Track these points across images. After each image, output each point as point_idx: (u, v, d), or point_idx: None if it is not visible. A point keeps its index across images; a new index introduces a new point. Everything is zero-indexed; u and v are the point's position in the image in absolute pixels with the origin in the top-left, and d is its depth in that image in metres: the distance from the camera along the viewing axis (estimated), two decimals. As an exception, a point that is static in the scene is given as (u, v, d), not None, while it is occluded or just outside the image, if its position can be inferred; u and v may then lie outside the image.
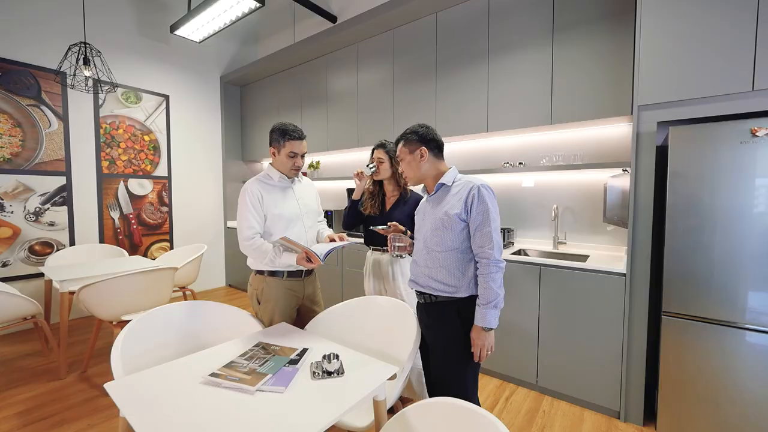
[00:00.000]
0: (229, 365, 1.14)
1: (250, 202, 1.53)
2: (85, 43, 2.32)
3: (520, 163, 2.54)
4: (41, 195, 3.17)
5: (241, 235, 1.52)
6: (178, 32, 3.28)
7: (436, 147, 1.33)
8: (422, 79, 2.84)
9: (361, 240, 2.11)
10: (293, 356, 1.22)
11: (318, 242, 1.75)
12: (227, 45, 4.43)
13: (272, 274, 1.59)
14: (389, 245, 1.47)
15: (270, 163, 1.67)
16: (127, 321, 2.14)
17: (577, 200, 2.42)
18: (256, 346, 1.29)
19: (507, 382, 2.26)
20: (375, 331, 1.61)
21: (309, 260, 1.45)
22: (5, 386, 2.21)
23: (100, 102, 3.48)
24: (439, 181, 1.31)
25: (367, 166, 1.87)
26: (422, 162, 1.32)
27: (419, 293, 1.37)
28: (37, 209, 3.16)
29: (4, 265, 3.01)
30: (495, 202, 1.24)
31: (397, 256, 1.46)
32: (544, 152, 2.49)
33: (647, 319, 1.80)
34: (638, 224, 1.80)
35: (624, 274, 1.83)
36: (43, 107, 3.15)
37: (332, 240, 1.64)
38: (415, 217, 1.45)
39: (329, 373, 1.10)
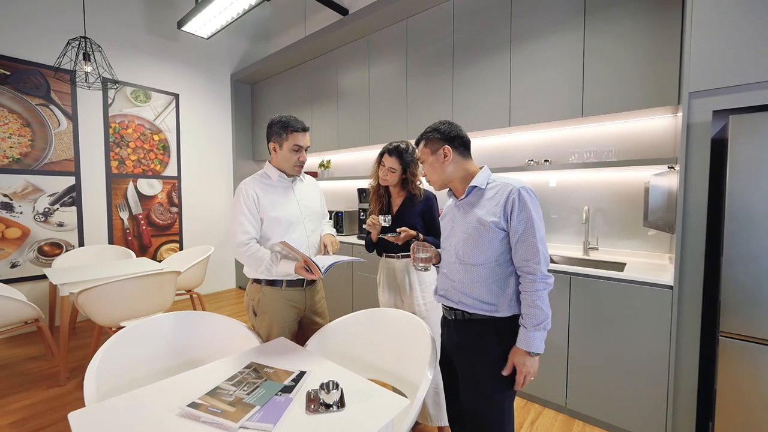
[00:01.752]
0: (213, 392, 0.99)
1: (244, 203, 1.38)
2: (84, 38, 2.24)
3: (545, 161, 2.32)
4: (50, 195, 3.14)
5: (234, 240, 1.37)
6: (185, 28, 3.20)
7: (461, 145, 1.15)
8: (438, 72, 2.64)
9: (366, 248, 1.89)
10: (288, 382, 1.06)
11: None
12: (238, 42, 4.35)
13: (270, 283, 1.43)
14: (412, 257, 1.28)
15: (268, 161, 1.51)
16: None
17: (611, 201, 2.18)
18: (247, 367, 1.14)
19: (532, 403, 2.04)
20: (385, 349, 1.44)
21: (309, 270, 1.29)
22: (5, 392, 2.14)
23: (110, 101, 3.43)
24: (470, 184, 1.12)
25: (381, 220, 1.62)
26: (447, 163, 1.14)
27: (449, 309, 1.19)
28: (46, 210, 3.13)
29: (14, 266, 2.98)
30: (539, 208, 1.05)
31: (421, 269, 1.27)
32: (574, 148, 2.25)
33: (699, 338, 1.55)
34: (688, 229, 1.56)
35: (671, 287, 1.59)
36: (53, 107, 3.12)
37: (325, 245, 1.48)
38: (442, 223, 1.27)
39: (327, 406, 0.94)
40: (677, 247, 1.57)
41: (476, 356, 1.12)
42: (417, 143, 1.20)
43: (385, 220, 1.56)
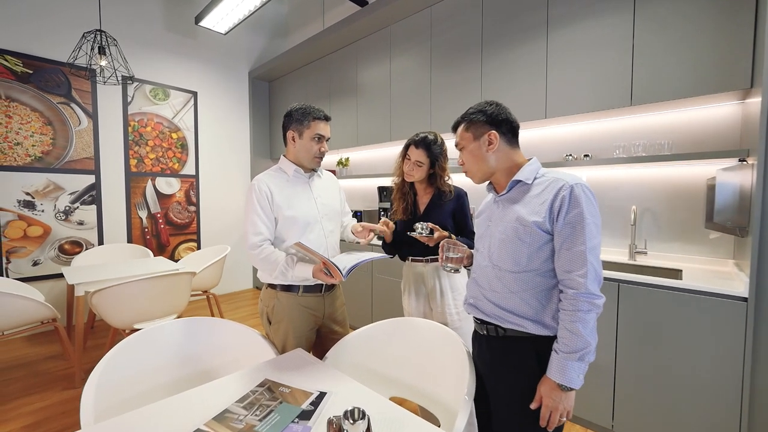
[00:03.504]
0: (221, 417, 0.86)
1: (257, 201, 1.25)
2: (99, 31, 2.18)
3: (585, 156, 2.10)
4: (71, 194, 3.14)
5: (247, 242, 1.24)
6: (202, 23, 3.14)
7: (510, 131, 0.98)
8: (465, 62, 2.47)
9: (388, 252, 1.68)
10: (306, 405, 0.92)
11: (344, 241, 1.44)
12: (255, 39, 4.29)
13: (286, 288, 1.30)
14: (440, 256, 1.12)
15: (283, 155, 1.38)
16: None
17: (663, 200, 1.95)
18: (260, 385, 1.01)
19: (573, 423, 1.84)
20: (412, 364, 1.28)
21: (328, 273, 1.16)
22: (21, 392, 2.11)
23: (129, 99, 3.41)
24: (514, 177, 0.95)
25: (419, 228, 1.38)
26: (491, 151, 0.97)
27: (480, 322, 1.02)
28: (67, 208, 3.13)
29: (35, 263, 2.99)
30: (595, 211, 0.86)
31: (450, 270, 1.12)
32: (619, 141, 2.03)
33: (782, 360, 1.33)
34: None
35: (745, 299, 1.37)
36: (73, 105, 3.12)
37: (364, 228, 1.37)
38: (476, 222, 1.10)
39: (352, 439, 0.79)
40: (753, 253, 1.35)
41: (509, 379, 0.95)
42: (455, 126, 1.04)
43: (423, 228, 1.37)
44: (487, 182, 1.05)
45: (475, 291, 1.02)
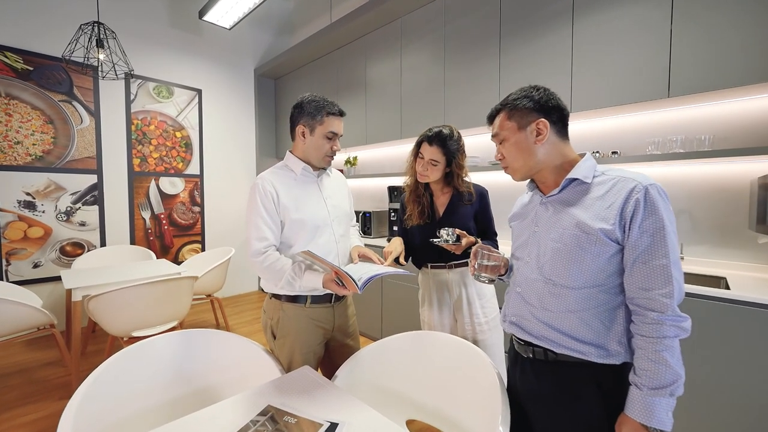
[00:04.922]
0: (216, 456, 0.73)
1: (261, 203, 1.12)
2: (97, 23, 2.08)
3: (613, 153, 1.95)
4: (72, 194, 3.06)
5: (249, 248, 1.12)
6: (206, 18, 3.05)
7: (560, 120, 0.83)
8: (481, 54, 2.32)
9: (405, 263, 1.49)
10: (314, 440, 0.79)
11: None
12: (261, 36, 4.19)
13: (292, 299, 1.18)
14: (472, 264, 0.98)
15: (290, 151, 1.25)
16: (140, 338, 1.87)
17: (700, 200, 1.79)
18: (262, 414, 0.88)
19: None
20: (434, 384, 1.15)
21: (340, 283, 1.03)
22: (16, 402, 2.01)
23: (132, 97, 3.33)
24: (569, 175, 0.81)
25: (444, 235, 1.23)
26: (539, 143, 0.82)
27: (523, 343, 0.87)
28: (69, 208, 3.05)
29: (36, 266, 2.91)
30: (673, 217, 0.73)
31: (485, 280, 0.98)
32: (652, 137, 1.87)
33: None
34: (837, 238, 1.18)
35: (809, 313, 1.21)
36: (75, 103, 3.04)
37: (362, 257, 1.19)
38: (515, 225, 0.96)
39: (370, 489, 0.66)
40: (819, 261, 1.19)
41: (568, 412, 0.80)
42: (492, 116, 0.89)
43: (449, 234, 1.22)
44: (528, 180, 0.91)
45: (520, 308, 0.87)
